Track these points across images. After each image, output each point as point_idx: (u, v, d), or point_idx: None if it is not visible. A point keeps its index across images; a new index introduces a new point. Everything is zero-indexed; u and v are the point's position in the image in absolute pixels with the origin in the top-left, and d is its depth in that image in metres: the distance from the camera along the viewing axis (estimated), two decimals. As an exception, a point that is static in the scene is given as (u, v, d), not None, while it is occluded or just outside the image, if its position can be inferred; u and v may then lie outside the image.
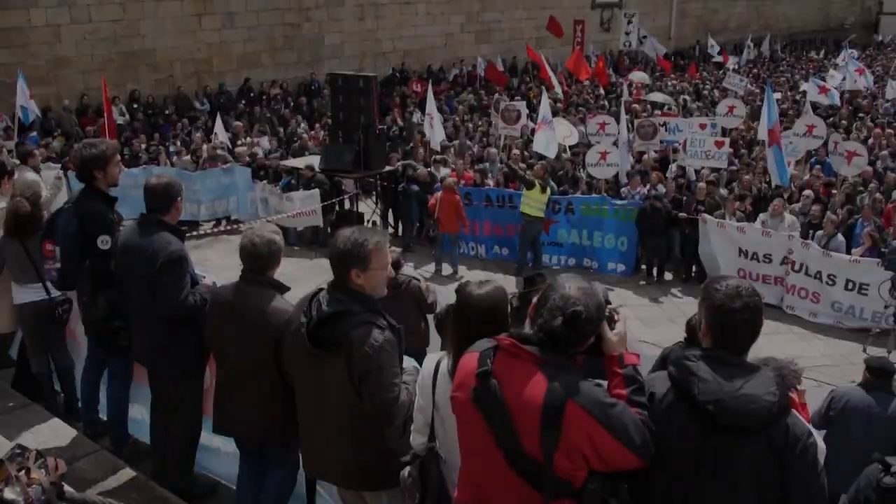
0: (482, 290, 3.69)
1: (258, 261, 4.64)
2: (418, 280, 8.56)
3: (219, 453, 5.82)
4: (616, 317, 3.23)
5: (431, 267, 15.33)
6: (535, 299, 3.17)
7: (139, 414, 6.24)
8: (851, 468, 6.33)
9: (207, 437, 5.65)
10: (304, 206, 15.71)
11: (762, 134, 16.57)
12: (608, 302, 3.28)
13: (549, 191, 14.69)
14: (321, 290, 4.01)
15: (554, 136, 17.37)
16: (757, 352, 6.19)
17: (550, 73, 25.53)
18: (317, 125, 22.41)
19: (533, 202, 14.46)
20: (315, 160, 16.73)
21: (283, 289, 4.72)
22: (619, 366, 3.10)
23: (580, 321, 2.96)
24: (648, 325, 12.28)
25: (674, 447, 3.01)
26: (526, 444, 2.91)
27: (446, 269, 15.12)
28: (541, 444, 2.88)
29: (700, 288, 3.31)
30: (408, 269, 12.11)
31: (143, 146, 19.44)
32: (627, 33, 34.64)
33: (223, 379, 4.87)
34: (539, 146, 17.25)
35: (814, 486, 3.02)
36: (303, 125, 22.54)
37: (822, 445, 3.47)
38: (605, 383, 3.09)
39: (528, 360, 2.98)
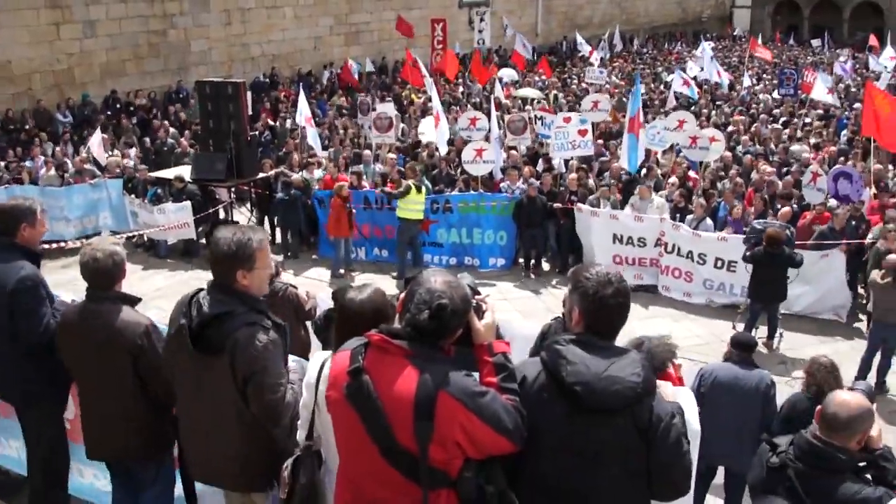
0: (363, 294, 3.71)
1: (103, 276, 4.49)
2: (295, 287, 8.48)
3: (95, 479, 5.63)
4: (484, 307, 3.29)
5: (316, 272, 15.18)
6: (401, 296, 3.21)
7: (14, 450, 5.98)
8: (724, 441, 6.61)
9: (81, 464, 5.45)
10: (177, 219, 15.25)
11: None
12: (476, 292, 3.37)
13: (424, 190, 14.72)
14: (200, 290, 3.92)
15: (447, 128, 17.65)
16: (629, 333, 6.39)
17: (425, 73, 25.56)
18: (186, 133, 21.81)
19: (411, 205, 14.40)
20: (186, 170, 16.31)
21: (132, 301, 4.59)
22: (488, 354, 3.17)
23: (446, 313, 3.01)
24: (529, 316, 12.48)
25: (544, 428, 3.11)
26: (400, 437, 2.94)
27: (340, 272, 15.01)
28: (415, 436, 2.92)
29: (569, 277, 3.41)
30: (287, 276, 12.01)
31: (3, 164, 18.49)
32: (480, 31, 35.10)
33: (85, 403, 4.68)
34: (442, 138, 17.69)
35: (677, 466, 3.17)
36: (171, 133, 21.83)
37: (695, 427, 3.59)
38: (477, 374, 3.14)
39: (398, 355, 3.02)
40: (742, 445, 6.51)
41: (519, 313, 12.98)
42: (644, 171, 16.24)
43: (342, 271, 14.99)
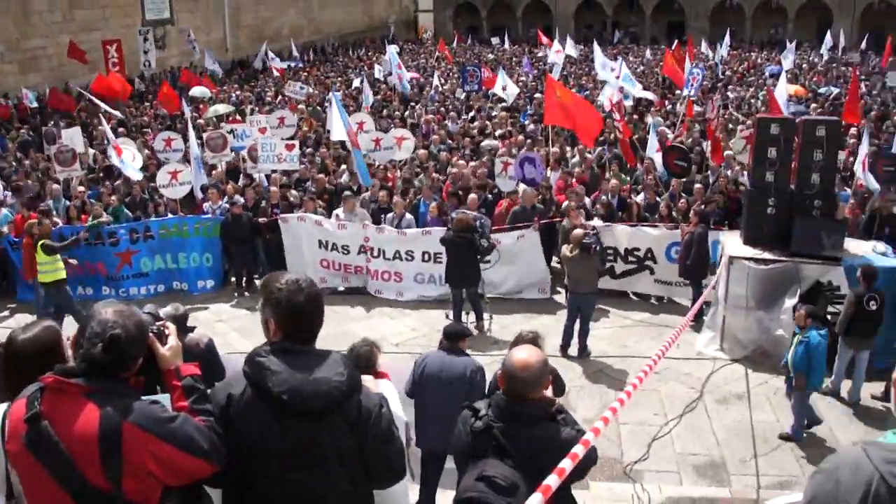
0: (28, 333, 3.44)
1: None
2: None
3: None
4: (166, 331, 3.22)
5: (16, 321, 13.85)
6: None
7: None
8: (436, 426, 6.84)
9: None
10: None
11: (336, 135, 17.03)
12: (157, 318, 3.31)
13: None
14: None
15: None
16: (351, 335, 6.43)
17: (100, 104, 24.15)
18: None
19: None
20: None
21: None
22: (177, 378, 3.12)
23: (120, 344, 2.91)
24: (248, 335, 12.26)
25: (261, 441, 3.10)
26: (91, 477, 2.82)
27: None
28: (105, 473, 2.81)
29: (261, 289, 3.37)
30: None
31: None
32: (146, 52, 33.90)
33: None
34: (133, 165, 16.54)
35: (390, 452, 3.28)
36: None
37: (399, 414, 3.68)
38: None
39: (76, 394, 2.87)
40: (448, 429, 6.70)
41: (237, 332, 12.71)
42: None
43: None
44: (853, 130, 20.44)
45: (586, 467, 4.13)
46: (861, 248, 11.96)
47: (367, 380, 3.68)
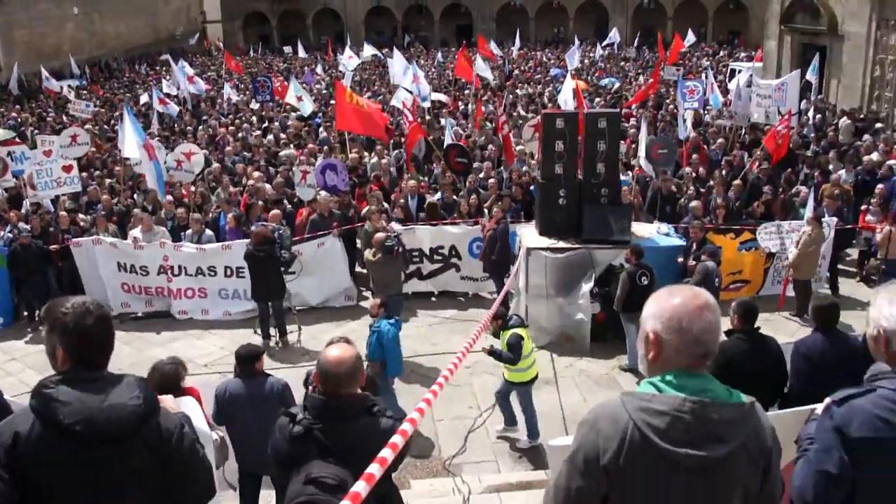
0: None
1: None
2: None
3: None
4: None
5: None
6: None
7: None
8: (254, 448, 6.68)
9: None
10: None
11: (128, 152, 16.25)
12: None
13: None
14: None
15: None
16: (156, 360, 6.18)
17: None
18: None
19: None
20: None
21: None
22: None
23: None
24: (44, 371, 11.28)
25: (54, 476, 2.95)
26: None
27: None
28: None
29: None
30: None
31: None
32: None
33: None
34: None
35: (196, 472, 3.21)
36: None
37: (205, 430, 3.57)
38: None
39: None
40: (265, 449, 6.56)
41: (33, 370, 11.88)
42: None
43: None
44: (633, 121, 21.70)
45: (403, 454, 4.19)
46: (647, 231, 12.74)
47: (166, 400, 3.57)
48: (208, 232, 13.84)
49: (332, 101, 25.91)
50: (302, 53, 48.47)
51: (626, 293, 10.82)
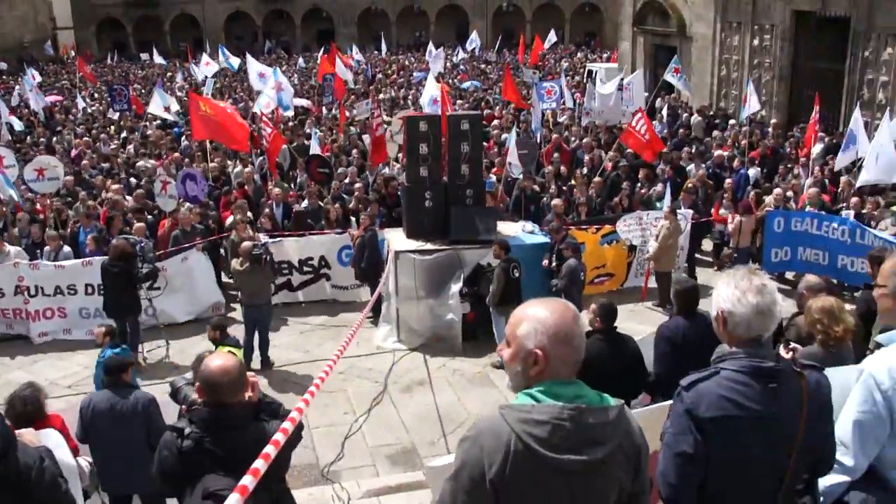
0: None
1: None
2: None
3: None
4: None
5: None
6: None
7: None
8: (117, 466, 6.53)
9: None
10: None
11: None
12: None
13: None
14: None
15: None
16: (15, 385, 5.91)
17: None
18: None
19: None
20: None
21: None
22: None
23: None
24: None
25: None
26: None
27: None
28: None
29: None
30: None
31: None
32: None
33: None
34: None
35: (60, 501, 3.08)
36: None
37: (69, 462, 3.47)
38: None
39: None
40: (132, 468, 6.41)
41: None
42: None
43: None
44: (495, 122, 22.11)
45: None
46: (513, 229, 13.03)
47: (26, 434, 3.47)
48: (66, 248, 13.26)
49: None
50: (159, 60, 47.15)
51: (503, 287, 11.05)
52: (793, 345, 4.99)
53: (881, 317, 3.53)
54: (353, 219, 14.46)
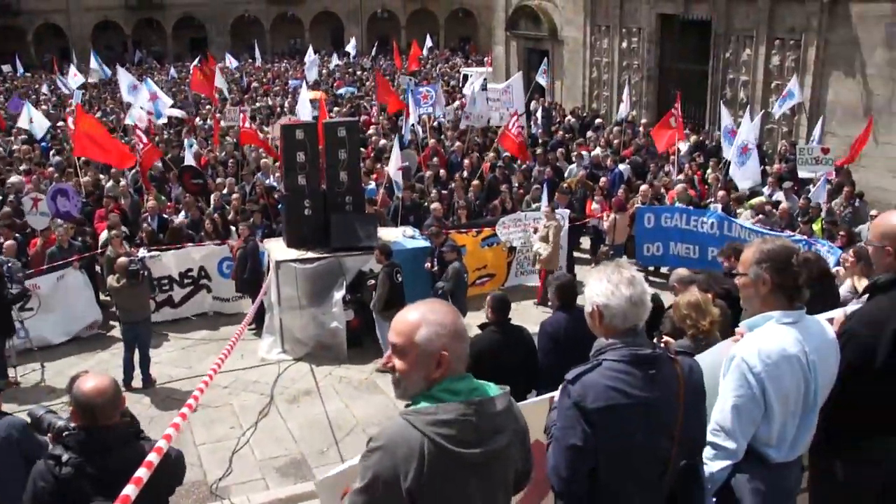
0: None
1: None
2: None
3: None
4: None
5: None
6: None
7: None
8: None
9: None
10: None
11: None
12: None
13: None
14: None
15: None
16: None
17: None
18: None
19: None
20: None
21: None
22: None
23: None
24: None
25: None
26: None
27: None
28: None
29: None
30: None
31: None
32: None
33: None
34: None
35: None
36: None
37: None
38: None
39: None
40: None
41: None
42: None
43: None
44: (371, 129, 22.20)
45: (180, 472, 4.32)
46: (393, 234, 13.12)
47: None
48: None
49: (60, 123, 24.67)
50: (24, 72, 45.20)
51: (387, 292, 11.11)
52: (665, 338, 5.20)
53: (743, 303, 3.73)
54: (233, 229, 14.27)
